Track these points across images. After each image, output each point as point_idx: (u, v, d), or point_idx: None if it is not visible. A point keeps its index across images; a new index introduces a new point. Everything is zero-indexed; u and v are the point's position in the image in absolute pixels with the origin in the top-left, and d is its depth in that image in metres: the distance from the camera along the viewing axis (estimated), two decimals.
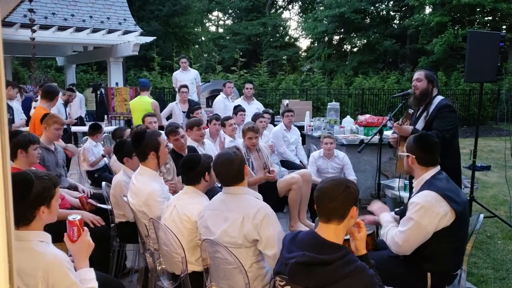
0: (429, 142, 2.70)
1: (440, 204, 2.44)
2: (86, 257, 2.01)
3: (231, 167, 2.51)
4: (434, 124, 3.77)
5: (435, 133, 3.71)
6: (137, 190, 3.11)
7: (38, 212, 1.91)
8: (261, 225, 2.35)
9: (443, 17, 19.49)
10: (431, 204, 2.44)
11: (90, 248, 2.02)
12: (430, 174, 2.64)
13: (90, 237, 2.04)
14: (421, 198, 2.50)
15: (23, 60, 17.85)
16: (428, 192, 2.50)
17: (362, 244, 2.07)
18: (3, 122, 0.90)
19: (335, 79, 19.91)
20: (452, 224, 2.44)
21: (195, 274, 2.69)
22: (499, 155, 9.59)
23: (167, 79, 15.51)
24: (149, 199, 3.01)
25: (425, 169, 2.66)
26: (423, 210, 2.44)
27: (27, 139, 3.32)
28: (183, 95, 7.32)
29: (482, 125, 15.48)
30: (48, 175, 2.01)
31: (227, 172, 2.52)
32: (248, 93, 7.45)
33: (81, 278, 1.94)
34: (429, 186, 2.55)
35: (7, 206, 0.90)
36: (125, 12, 12.33)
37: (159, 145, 3.19)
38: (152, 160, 3.18)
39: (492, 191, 6.78)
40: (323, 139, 5.17)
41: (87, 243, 2.01)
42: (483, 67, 4.65)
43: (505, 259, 4.18)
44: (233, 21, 32.30)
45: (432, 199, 2.46)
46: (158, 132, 3.46)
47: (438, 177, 2.62)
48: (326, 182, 1.98)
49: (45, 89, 5.37)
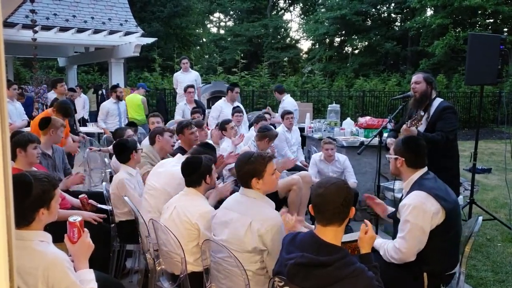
0: (417, 144, 2.73)
1: (431, 202, 2.47)
2: (86, 258, 2.02)
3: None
4: (438, 125, 3.80)
5: (439, 134, 3.73)
6: (171, 174, 3.22)
7: (37, 214, 1.92)
8: (266, 235, 2.32)
9: (445, 20, 19.51)
10: (422, 203, 2.47)
11: (90, 249, 2.03)
12: (418, 174, 2.68)
13: (90, 238, 2.04)
14: (412, 199, 2.53)
15: (25, 60, 17.88)
16: (417, 192, 2.54)
17: (371, 242, 2.12)
18: (4, 121, 0.91)
19: (336, 81, 19.91)
20: (443, 222, 2.47)
21: (194, 275, 2.69)
22: (500, 158, 9.58)
23: (168, 80, 15.52)
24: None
25: (414, 171, 2.69)
26: (415, 210, 2.47)
27: (25, 138, 3.32)
28: (190, 95, 7.32)
29: (483, 128, 15.48)
30: (47, 177, 2.01)
31: (247, 174, 2.50)
32: (234, 97, 7.23)
33: (80, 279, 1.95)
34: (418, 186, 2.59)
35: (7, 205, 0.91)
36: (126, 13, 12.36)
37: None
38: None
39: (492, 193, 6.78)
40: (324, 144, 5.17)
41: (87, 244, 2.01)
42: (484, 70, 4.66)
43: (505, 262, 4.18)
44: (234, 22, 32.34)
45: (422, 198, 2.49)
46: (210, 158, 3.11)
47: (426, 177, 2.66)
48: (324, 187, 1.96)
49: (61, 105, 5.24)
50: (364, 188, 5.66)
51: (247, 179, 2.48)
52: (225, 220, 2.50)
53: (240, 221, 2.41)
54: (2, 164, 0.89)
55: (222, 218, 2.54)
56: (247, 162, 2.48)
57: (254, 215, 2.39)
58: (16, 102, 7.25)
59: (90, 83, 15.39)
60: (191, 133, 4.33)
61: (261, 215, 2.40)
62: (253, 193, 2.50)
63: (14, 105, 7.02)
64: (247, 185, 2.51)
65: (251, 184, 2.48)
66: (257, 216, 2.38)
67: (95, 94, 12.70)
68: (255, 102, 15.44)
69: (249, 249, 2.36)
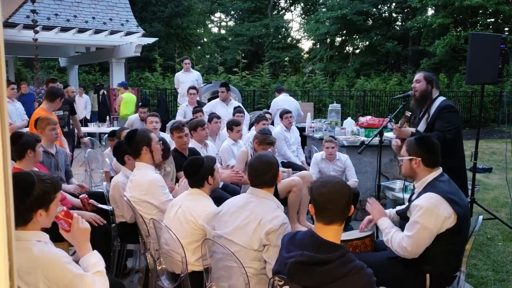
0: (431, 142, 2.70)
1: (444, 206, 2.44)
2: (85, 242, 2.01)
3: (269, 170, 2.55)
4: (436, 125, 3.76)
5: (435, 134, 3.70)
6: (137, 181, 3.19)
7: (35, 215, 1.91)
8: (273, 235, 2.34)
9: (445, 19, 19.48)
10: (435, 206, 2.44)
11: (85, 232, 2.01)
12: (432, 176, 2.64)
13: (83, 222, 2.02)
14: (425, 200, 2.49)
15: (26, 60, 17.90)
16: (431, 194, 2.50)
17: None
18: (3, 121, 0.92)
19: (337, 80, 19.90)
20: (453, 226, 2.45)
21: (195, 274, 2.70)
22: (501, 157, 9.57)
23: (169, 80, 15.53)
24: (151, 185, 3.13)
25: (430, 170, 2.65)
26: (427, 212, 2.44)
27: (34, 139, 3.40)
28: (191, 96, 7.32)
29: (484, 127, 15.47)
30: (51, 179, 2.00)
31: (263, 173, 2.54)
32: (221, 96, 7.19)
33: (85, 265, 1.95)
34: (432, 188, 2.55)
35: (7, 205, 0.91)
36: (127, 13, 12.37)
37: (151, 140, 3.31)
38: (146, 155, 3.29)
39: (493, 193, 6.77)
40: (325, 143, 5.17)
41: (81, 229, 2.00)
42: (484, 69, 4.65)
43: (506, 261, 4.18)
44: (235, 22, 32.34)
45: (436, 201, 2.46)
46: (149, 130, 3.66)
47: (440, 179, 2.62)
48: (325, 186, 1.96)
49: (48, 90, 5.36)
50: (365, 187, 5.67)
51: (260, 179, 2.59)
52: (234, 217, 2.51)
53: (251, 218, 2.43)
54: (2, 164, 0.89)
55: (231, 215, 2.54)
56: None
57: (264, 213, 2.42)
58: (16, 102, 7.26)
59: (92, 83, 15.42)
60: (179, 137, 4.35)
61: (271, 212, 2.43)
62: (263, 193, 2.54)
63: (14, 105, 7.03)
64: (255, 184, 2.58)
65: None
66: (267, 214, 2.42)
67: (96, 94, 12.72)
68: (256, 102, 15.45)
69: (254, 248, 2.37)
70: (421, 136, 2.95)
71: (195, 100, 7.40)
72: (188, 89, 7.50)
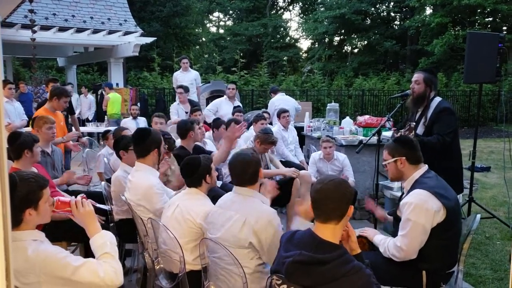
0: (410, 140, 2.78)
1: (432, 201, 2.48)
2: (90, 223, 2.01)
3: (248, 168, 2.53)
4: (434, 128, 3.78)
5: (435, 137, 3.72)
6: (134, 184, 3.16)
7: (24, 215, 1.88)
8: (261, 231, 2.37)
9: (444, 18, 19.51)
10: (424, 201, 2.48)
11: (89, 214, 2.02)
12: (419, 173, 2.69)
13: (84, 205, 2.02)
14: (413, 197, 2.53)
15: (24, 60, 17.88)
16: (419, 190, 2.54)
17: (356, 244, 2.12)
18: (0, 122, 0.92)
19: (335, 80, 19.92)
20: (444, 220, 2.48)
21: (193, 273, 2.69)
22: (499, 156, 9.58)
23: (167, 80, 15.53)
24: (148, 191, 3.09)
25: (415, 167, 2.70)
26: (417, 209, 2.47)
27: (31, 139, 3.39)
28: (181, 95, 7.32)
29: (482, 126, 15.49)
30: (34, 177, 1.96)
31: (242, 172, 2.54)
32: (230, 93, 7.38)
33: (93, 247, 1.96)
34: (419, 185, 2.60)
35: (3, 203, 0.91)
36: (125, 13, 12.37)
37: (161, 143, 3.33)
38: (153, 157, 3.27)
39: (491, 192, 6.79)
40: (322, 143, 5.17)
41: (82, 213, 2.01)
42: (482, 68, 4.65)
43: (504, 260, 4.18)
44: (233, 22, 32.32)
45: (424, 196, 2.50)
46: (161, 131, 3.68)
47: (427, 175, 2.67)
48: (324, 183, 1.97)
49: (52, 89, 5.24)
50: (363, 187, 5.67)
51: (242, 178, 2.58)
52: (221, 219, 2.51)
53: (236, 218, 2.44)
54: None
55: (218, 217, 2.55)
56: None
57: (249, 212, 2.43)
58: (15, 101, 7.25)
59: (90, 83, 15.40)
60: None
61: (256, 210, 2.44)
62: (247, 191, 2.55)
63: (13, 105, 7.02)
64: (238, 183, 2.59)
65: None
66: (252, 212, 2.43)
67: (94, 94, 12.71)
68: (254, 101, 15.45)
69: (245, 245, 2.38)
70: (398, 137, 3.04)
71: (186, 99, 7.39)
72: (176, 88, 7.54)
